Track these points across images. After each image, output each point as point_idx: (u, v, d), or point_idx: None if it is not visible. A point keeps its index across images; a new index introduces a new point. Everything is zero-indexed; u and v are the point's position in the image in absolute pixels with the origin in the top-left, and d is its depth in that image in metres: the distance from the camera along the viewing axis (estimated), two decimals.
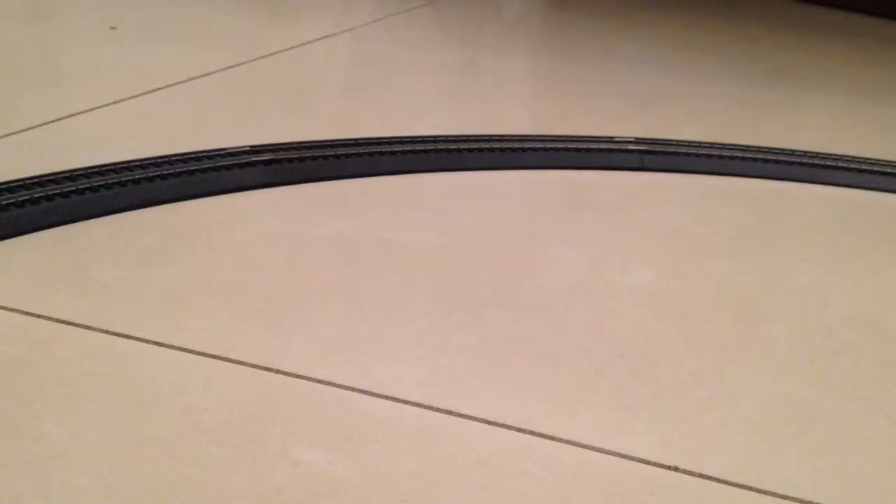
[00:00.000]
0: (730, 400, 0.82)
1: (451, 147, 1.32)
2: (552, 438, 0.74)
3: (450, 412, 0.76)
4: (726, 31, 2.58)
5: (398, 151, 1.28)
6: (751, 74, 2.09)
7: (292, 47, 1.85)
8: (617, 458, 0.72)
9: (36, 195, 1.01)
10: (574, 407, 0.78)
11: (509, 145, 1.36)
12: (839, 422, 0.80)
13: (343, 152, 1.25)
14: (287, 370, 0.79)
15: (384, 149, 1.28)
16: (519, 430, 0.74)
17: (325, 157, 1.23)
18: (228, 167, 1.16)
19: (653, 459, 0.72)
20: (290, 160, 1.20)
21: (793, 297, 1.03)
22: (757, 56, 2.27)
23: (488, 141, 1.36)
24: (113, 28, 1.85)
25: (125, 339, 0.81)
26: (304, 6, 2.43)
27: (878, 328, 0.98)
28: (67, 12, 2.03)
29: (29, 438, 0.68)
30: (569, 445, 0.73)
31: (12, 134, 1.24)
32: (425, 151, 1.30)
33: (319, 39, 1.96)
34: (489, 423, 0.75)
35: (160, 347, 0.80)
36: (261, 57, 1.73)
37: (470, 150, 1.33)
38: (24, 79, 1.51)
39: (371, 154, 1.26)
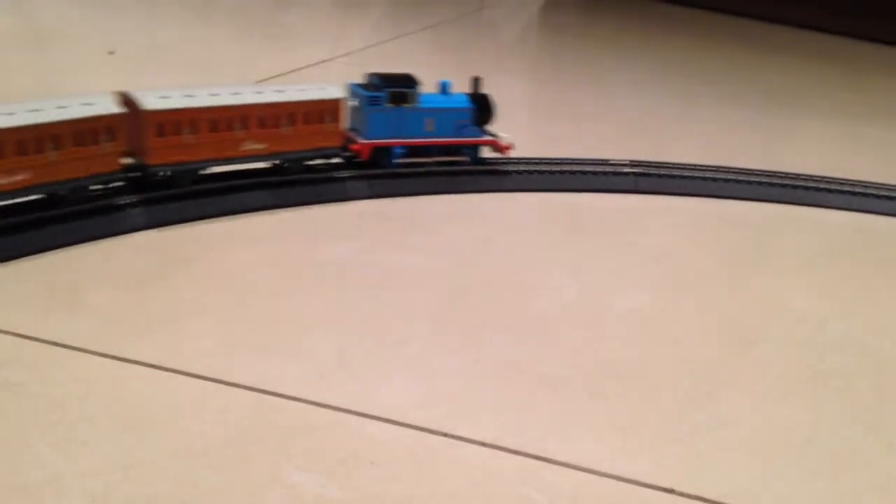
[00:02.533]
0: (725, 422, 0.82)
1: (447, 170, 1.33)
2: (548, 461, 0.74)
3: (445, 434, 0.75)
4: (716, 54, 2.60)
5: (396, 174, 1.29)
6: (743, 97, 2.11)
7: (289, 71, 1.86)
8: (613, 481, 0.72)
9: (32, 219, 1.01)
10: (570, 429, 0.78)
11: (504, 168, 1.36)
12: (834, 444, 0.80)
13: (339, 176, 1.25)
14: (282, 392, 0.79)
15: (380, 171, 1.28)
16: (515, 452, 0.74)
17: (325, 181, 1.23)
18: (228, 190, 1.16)
19: (649, 482, 0.72)
20: (292, 183, 1.21)
21: (787, 320, 1.04)
22: (747, 79, 2.29)
23: (484, 164, 1.37)
24: (111, 52, 1.86)
25: (120, 362, 0.81)
26: (302, 31, 2.45)
27: (871, 351, 0.98)
28: (67, 36, 2.04)
29: (24, 462, 0.68)
30: (565, 468, 0.73)
31: None
32: (423, 174, 1.30)
33: (316, 64, 1.97)
34: (485, 445, 0.75)
35: (156, 370, 0.80)
36: (258, 81, 1.74)
37: (466, 174, 1.34)
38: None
39: (367, 177, 1.27)
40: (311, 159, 1.24)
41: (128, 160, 1.09)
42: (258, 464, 0.70)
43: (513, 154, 1.37)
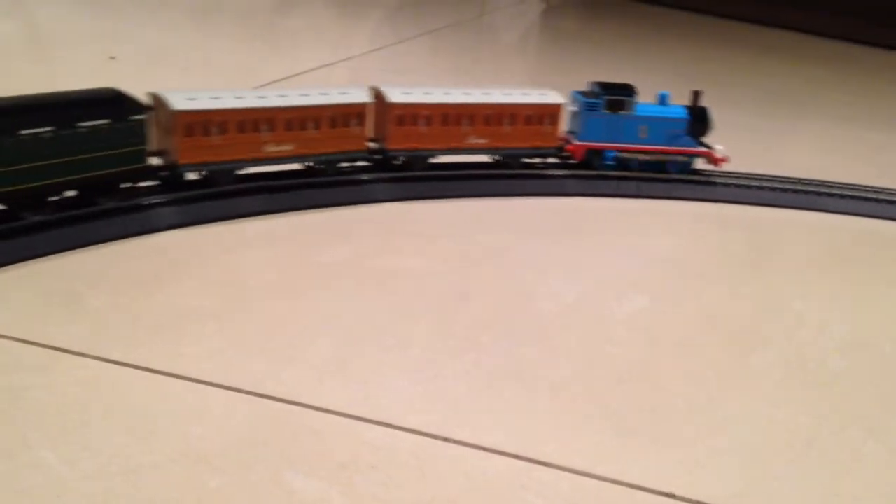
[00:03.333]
0: (726, 426, 0.82)
1: (446, 175, 1.33)
2: (548, 465, 0.74)
3: (446, 439, 0.75)
4: (716, 57, 2.61)
5: (393, 179, 1.29)
6: (743, 101, 2.11)
7: (291, 76, 1.86)
8: (613, 485, 0.72)
9: (32, 223, 1.01)
10: (570, 433, 0.78)
11: (506, 172, 1.36)
12: (834, 448, 0.80)
13: (339, 180, 1.25)
14: (282, 397, 0.79)
15: (379, 176, 1.28)
16: (515, 456, 0.74)
17: (322, 186, 1.23)
18: (225, 195, 1.16)
19: (649, 486, 0.72)
20: (287, 188, 1.21)
21: (788, 323, 1.04)
22: (747, 82, 2.30)
23: (485, 168, 1.37)
24: (112, 58, 1.86)
25: (120, 367, 0.81)
26: (303, 36, 2.45)
27: (872, 354, 0.98)
28: (67, 42, 2.04)
29: (24, 466, 0.68)
30: (565, 472, 0.73)
31: None
32: (420, 179, 1.31)
33: (318, 69, 1.97)
34: (485, 449, 0.75)
35: (155, 374, 0.80)
36: (259, 86, 1.74)
37: (468, 178, 1.34)
38: None
39: (367, 182, 1.27)
40: (528, 157, 1.38)
41: (372, 144, 1.29)
42: (259, 468, 0.70)
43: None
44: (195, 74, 1.84)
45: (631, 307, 1.03)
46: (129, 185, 1.08)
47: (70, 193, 1.04)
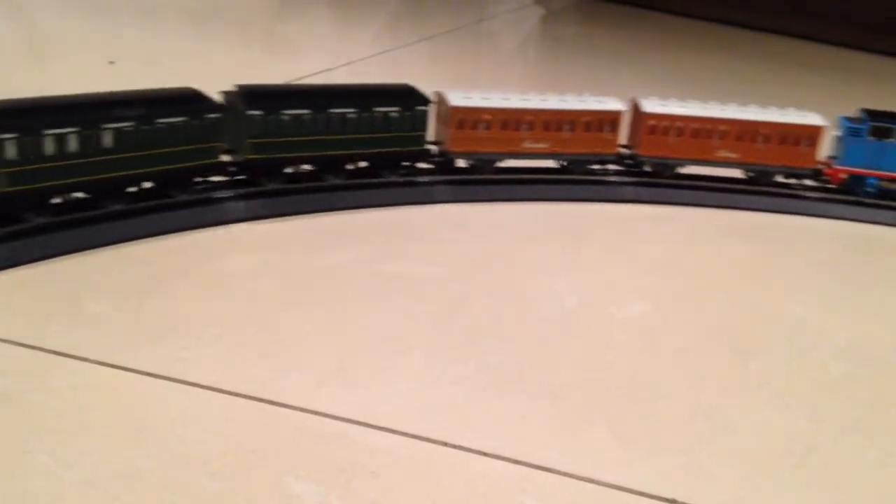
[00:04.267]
0: (726, 432, 0.82)
1: (446, 179, 1.33)
2: (549, 470, 0.73)
3: (446, 444, 0.75)
4: (716, 64, 2.61)
5: (394, 183, 1.29)
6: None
7: (292, 80, 1.86)
8: (614, 491, 0.72)
9: (31, 227, 1.00)
10: (571, 439, 0.78)
11: (503, 177, 1.36)
12: (835, 454, 0.80)
13: (340, 184, 1.25)
14: (282, 401, 0.79)
15: (381, 181, 1.28)
16: (516, 462, 0.74)
17: (323, 190, 1.23)
18: (223, 199, 1.16)
19: (650, 492, 0.72)
20: (287, 193, 1.21)
21: (788, 329, 1.04)
22: (747, 90, 2.30)
23: (485, 173, 1.37)
24: (111, 62, 1.86)
25: (120, 371, 0.81)
26: (302, 41, 2.45)
27: (873, 361, 0.98)
28: (66, 46, 2.04)
29: (22, 470, 0.67)
30: (565, 477, 0.73)
31: None
32: (421, 184, 1.30)
33: (318, 73, 1.97)
34: (485, 454, 0.75)
35: (155, 379, 0.80)
36: None
37: (466, 183, 1.34)
38: None
39: (368, 186, 1.27)
40: (783, 175, 1.42)
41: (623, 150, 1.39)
42: (258, 473, 0.70)
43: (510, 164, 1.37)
44: (192, 78, 1.84)
45: (632, 312, 1.03)
46: (408, 164, 1.30)
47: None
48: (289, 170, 1.20)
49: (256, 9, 2.82)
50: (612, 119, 1.36)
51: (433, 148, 1.31)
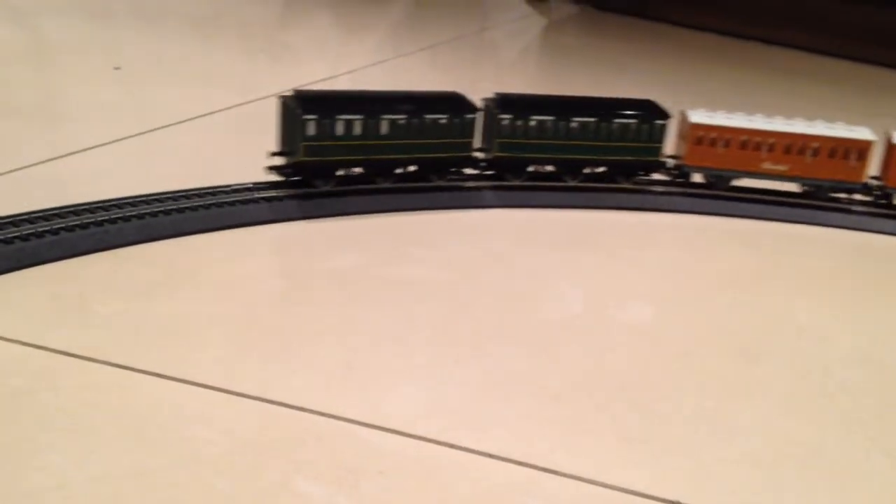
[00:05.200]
0: (732, 435, 0.82)
1: (452, 185, 1.33)
2: (554, 472, 0.74)
3: (452, 445, 0.76)
4: (719, 75, 2.63)
5: (397, 189, 1.29)
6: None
7: (294, 88, 1.87)
8: (619, 493, 0.72)
9: (40, 229, 1.01)
10: (576, 441, 0.79)
11: (506, 183, 1.37)
12: (839, 458, 0.81)
13: (343, 189, 1.26)
14: (289, 402, 0.79)
15: (383, 186, 1.29)
16: (521, 463, 0.75)
17: (327, 195, 1.24)
18: (231, 203, 1.17)
19: (655, 494, 0.72)
20: (292, 197, 1.21)
21: (792, 335, 1.04)
22: (750, 101, 2.31)
23: (487, 179, 1.38)
24: (117, 68, 1.87)
25: (128, 371, 0.81)
26: (304, 50, 2.46)
27: (876, 367, 0.99)
28: (72, 52, 2.05)
29: (31, 469, 0.68)
30: (571, 479, 0.73)
31: (18, 169, 1.26)
32: (425, 189, 1.31)
33: (320, 81, 1.98)
34: (491, 456, 0.75)
35: (162, 379, 0.81)
36: (263, 97, 1.75)
37: (471, 189, 1.34)
38: (29, 116, 1.53)
39: (372, 191, 1.27)
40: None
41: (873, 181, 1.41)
42: (266, 473, 0.70)
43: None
44: (196, 84, 1.85)
45: (637, 316, 1.04)
46: (642, 174, 1.40)
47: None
48: (530, 168, 1.36)
49: (259, 16, 2.83)
50: (860, 148, 1.37)
51: (669, 161, 1.40)
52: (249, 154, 1.27)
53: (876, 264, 1.32)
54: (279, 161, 1.22)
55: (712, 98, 1.50)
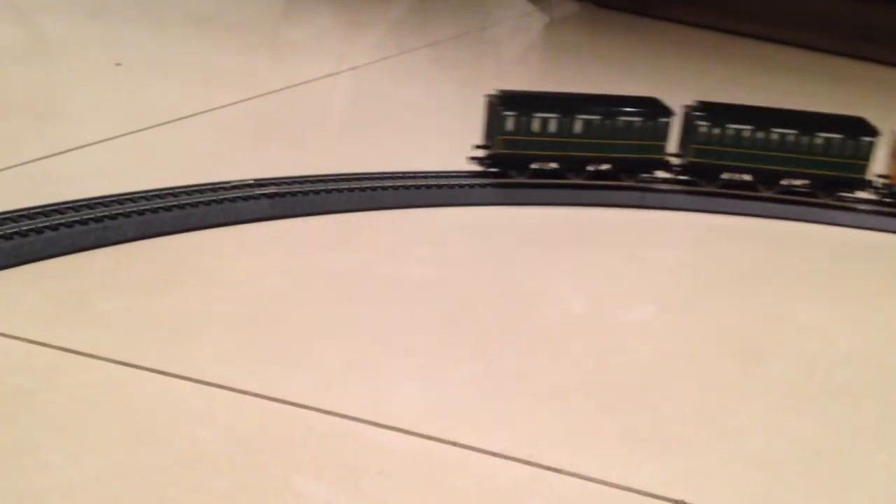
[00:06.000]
0: (735, 435, 0.82)
1: (451, 182, 1.33)
2: (557, 471, 0.73)
3: (454, 444, 0.75)
4: (720, 73, 2.62)
5: (399, 186, 1.29)
6: None
7: (295, 85, 1.86)
8: (623, 492, 0.72)
9: (40, 225, 1.01)
10: (579, 440, 0.78)
11: (510, 181, 1.36)
12: (843, 458, 0.80)
13: (345, 186, 1.25)
14: (290, 400, 0.79)
15: (386, 183, 1.28)
16: (524, 462, 0.74)
17: (328, 192, 1.24)
18: (232, 200, 1.16)
19: (659, 493, 0.72)
20: (294, 193, 1.21)
21: (794, 334, 1.04)
22: (751, 98, 2.30)
23: (488, 176, 1.37)
24: (118, 64, 1.87)
25: (128, 368, 0.81)
26: (306, 46, 2.46)
27: (879, 366, 0.98)
28: (74, 49, 2.05)
29: (31, 467, 0.67)
30: (574, 478, 0.73)
31: (18, 165, 1.25)
32: (427, 187, 1.31)
33: (322, 78, 1.98)
34: (494, 455, 0.75)
35: (163, 376, 0.80)
36: (264, 94, 1.75)
37: (471, 186, 1.34)
38: (30, 112, 1.52)
39: (373, 189, 1.27)
40: None
41: None
42: (267, 472, 0.70)
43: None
44: (197, 81, 1.85)
45: (639, 316, 1.03)
46: (849, 191, 1.40)
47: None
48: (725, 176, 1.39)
49: (260, 14, 2.83)
50: None
51: (877, 180, 1.39)
52: (250, 150, 1.27)
53: (880, 263, 1.31)
54: (480, 153, 1.33)
55: (713, 97, 1.49)
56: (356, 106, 1.89)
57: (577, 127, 1.31)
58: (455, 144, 1.53)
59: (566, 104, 1.33)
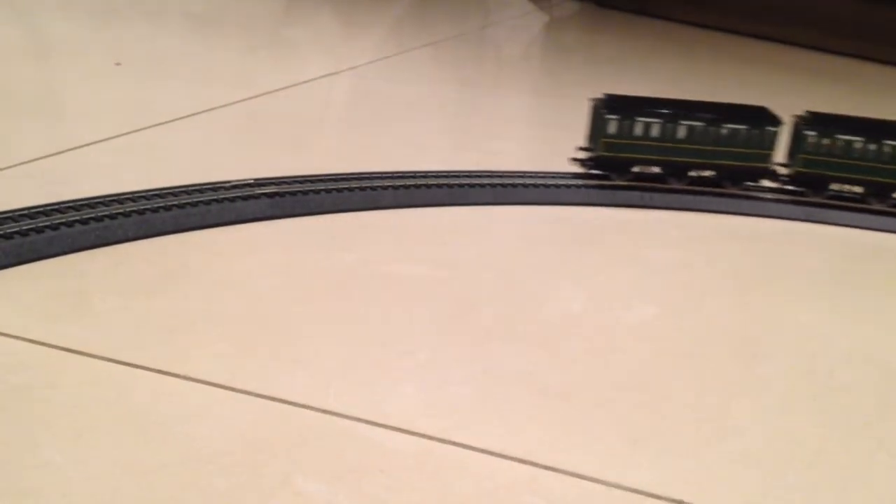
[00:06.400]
0: (734, 434, 0.82)
1: (452, 182, 1.33)
2: (556, 470, 0.73)
3: (454, 443, 0.75)
4: (721, 73, 2.62)
5: (399, 186, 1.29)
6: None
7: (295, 84, 1.87)
8: (622, 492, 0.72)
9: (40, 224, 1.01)
10: (579, 440, 0.78)
11: (510, 181, 1.36)
12: (843, 458, 0.80)
13: (345, 186, 1.25)
14: (290, 400, 0.79)
15: (385, 183, 1.28)
16: (523, 461, 0.74)
17: (328, 191, 1.24)
18: (232, 199, 1.16)
19: (658, 493, 0.72)
20: (294, 193, 1.21)
21: (794, 334, 1.04)
22: (753, 98, 2.30)
23: (489, 176, 1.37)
24: (118, 64, 1.87)
25: (128, 367, 0.81)
26: (306, 46, 2.46)
27: (879, 366, 0.98)
28: (73, 49, 2.05)
29: (30, 466, 0.67)
30: (573, 478, 0.73)
31: (18, 164, 1.25)
32: (426, 186, 1.31)
33: (322, 77, 1.98)
34: (494, 454, 0.74)
35: (163, 376, 0.80)
36: (264, 93, 1.75)
37: (471, 186, 1.34)
38: (29, 112, 1.53)
39: (373, 188, 1.27)
40: None
41: None
42: (266, 471, 0.70)
43: (516, 167, 1.37)
44: (197, 80, 1.85)
45: (639, 316, 1.03)
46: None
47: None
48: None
49: (260, 13, 2.83)
50: None
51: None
52: (250, 149, 1.27)
53: (881, 263, 1.31)
54: (582, 155, 1.37)
55: (713, 97, 1.49)
56: (356, 105, 1.89)
57: (681, 132, 1.34)
58: (455, 144, 1.54)
59: (673, 109, 1.35)
